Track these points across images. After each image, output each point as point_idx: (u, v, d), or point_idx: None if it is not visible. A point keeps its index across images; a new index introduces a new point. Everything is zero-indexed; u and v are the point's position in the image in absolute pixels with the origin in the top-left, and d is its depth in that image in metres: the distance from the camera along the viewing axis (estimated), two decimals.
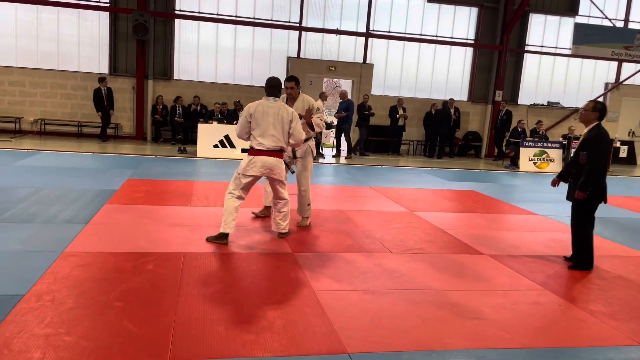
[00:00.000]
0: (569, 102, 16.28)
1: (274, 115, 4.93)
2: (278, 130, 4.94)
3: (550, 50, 15.91)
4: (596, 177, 4.67)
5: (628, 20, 16.19)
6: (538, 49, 15.84)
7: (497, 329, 3.42)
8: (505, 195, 8.90)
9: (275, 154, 4.97)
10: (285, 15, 14.33)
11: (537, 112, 15.90)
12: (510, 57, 15.44)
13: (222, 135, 11.48)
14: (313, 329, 3.23)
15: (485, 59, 15.57)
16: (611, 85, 16.35)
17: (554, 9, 15.71)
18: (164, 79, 13.83)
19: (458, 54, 15.58)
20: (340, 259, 4.71)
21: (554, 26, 15.92)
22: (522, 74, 15.89)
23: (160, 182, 7.88)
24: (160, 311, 3.34)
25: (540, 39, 15.90)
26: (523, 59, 15.80)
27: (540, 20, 15.80)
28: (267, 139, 4.92)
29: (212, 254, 4.58)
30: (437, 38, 15.28)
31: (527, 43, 15.74)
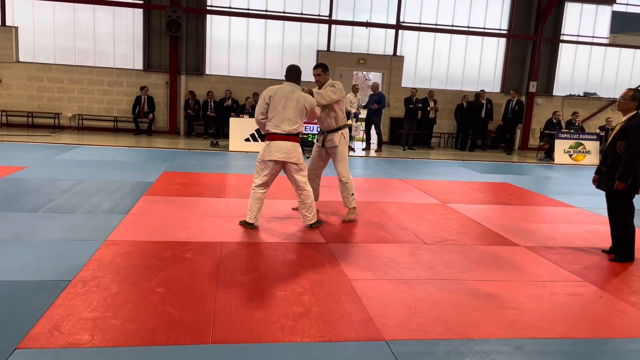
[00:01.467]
0: (606, 92, 15.81)
1: (293, 100, 4.97)
2: (296, 114, 4.98)
3: (587, 40, 15.47)
4: (637, 167, 4.56)
5: None
6: (574, 39, 15.43)
7: (536, 319, 3.39)
8: (540, 188, 8.74)
9: (291, 138, 4.99)
10: (314, 9, 14.35)
11: (573, 103, 15.50)
12: (544, 47, 15.08)
13: (254, 129, 11.60)
14: (350, 316, 3.27)
15: (519, 49, 15.25)
16: None
17: None
18: (196, 74, 14.04)
19: (491, 45, 15.31)
20: (374, 249, 4.73)
21: (590, 15, 15.46)
22: (558, 65, 15.50)
23: (194, 175, 8.03)
24: (201, 297, 3.43)
25: (577, 28, 15.47)
26: (558, 49, 15.41)
27: (577, 9, 15.37)
28: (284, 123, 4.96)
29: (248, 244, 4.66)
30: (469, 29, 15.04)
31: (563, 33, 15.34)
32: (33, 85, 13.42)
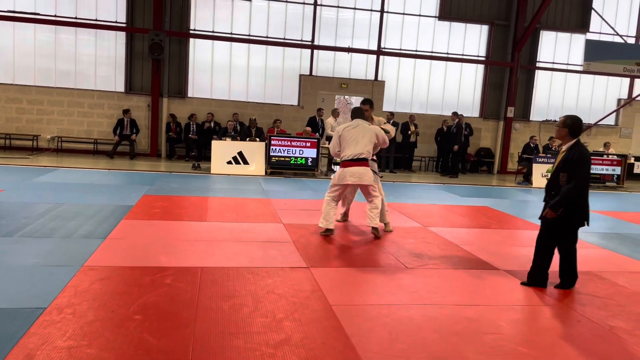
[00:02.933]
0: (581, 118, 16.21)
1: (359, 132, 5.98)
2: (363, 143, 5.93)
3: (562, 67, 15.95)
4: (573, 200, 4.37)
5: (639, 36, 16.20)
6: (549, 66, 15.89)
7: (515, 344, 3.41)
8: (519, 211, 8.86)
9: (361, 164, 5.92)
10: (297, 34, 14.55)
11: (550, 128, 15.88)
12: (521, 73, 15.49)
13: (236, 152, 11.60)
14: (331, 343, 3.24)
15: (497, 75, 15.64)
16: (624, 101, 16.29)
17: (565, 25, 15.78)
18: (178, 97, 14.05)
19: (469, 71, 15.67)
20: (355, 273, 4.73)
21: (565, 43, 15.98)
22: (534, 91, 15.92)
23: (175, 198, 7.97)
24: (180, 324, 3.38)
25: (552, 55, 15.95)
26: (534, 76, 15.85)
27: (551, 37, 15.87)
28: (353, 152, 5.92)
29: (229, 268, 4.62)
30: (448, 55, 15.39)
31: (539, 60, 15.80)
32: (12, 107, 13.27)
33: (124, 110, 13.28)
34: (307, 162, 11.87)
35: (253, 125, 13.21)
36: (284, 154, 11.76)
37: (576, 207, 4.43)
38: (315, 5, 14.50)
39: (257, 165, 11.70)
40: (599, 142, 15.39)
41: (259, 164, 11.71)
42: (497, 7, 15.34)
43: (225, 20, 14.16)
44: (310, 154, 11.86)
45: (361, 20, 14.88)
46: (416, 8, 15.09)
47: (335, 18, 14.74)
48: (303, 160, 11.85)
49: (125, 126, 13.21)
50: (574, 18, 15.82)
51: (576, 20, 15.84)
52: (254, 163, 11.69)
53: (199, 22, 14.05)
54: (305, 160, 11.85)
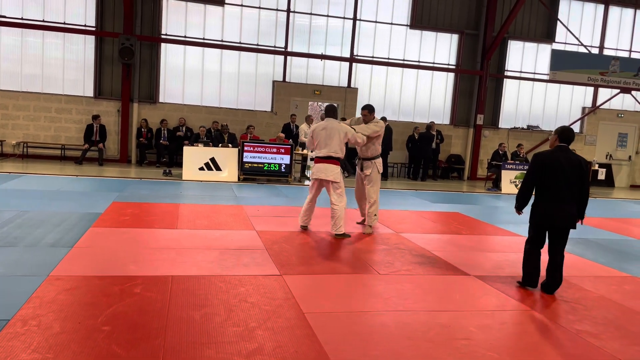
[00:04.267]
0: (547, 125, 16.67)
1: (329, 133, 6.35)
2: (332, 142, 6.31)
3: (529, 76, 16.36)
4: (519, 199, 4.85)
5: (603, 47, 16.77)
6: (517, 75, 16.27)
7: (485, 349, 3.46)
8: (488, 217, 9.02)
9: (328, 161, 6.35)
10: (270, 40, 14.54)
11: (518, 135, 16.25)
12: (490, 82, 15.83)
13: (208, 158, 11.49)
14: (303, 351, 3.23)
15: (467, 83, 15.93)
16: (588, 109, 16.81)
17: (532, 35, 16.21)
18: (149, 102, 13.85)
19: (440, 79, 15.93)
20: (328, 280, 4.73)
21: (531, 52, 16.41)
22: (502, 99, 16.27)
23: (146, 205, 7.83)
24: (149, 335, 3.31)
25: (519, 64, 16.35)
26: (503, 84, 16.21)
27: (519, 47, 16.28)
28: (322, 150, 6.37)
29: (201, 277, 4.56)
30: (420, 63, 15.61)
31: (507, 69, 16.17)
32: None
33: (94, 116, 13.00)
34: (281, 168, 11.84)
35: (225, 131, 13.12)
36: (257, 160, 11.70)
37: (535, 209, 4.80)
38: (288, 11, 14.53)
39: (229, 171, 11.60)
40: None
41: (231, 171, 11.62)
42: (467, 17, 15.65)
43: (197, 26, 14.05)
44: (283, 160, 11.83)
45: (334, 27, 14.98)
46: (388, 16, 15.28)
47: (309, 25, 14.80)
48: (276, 167, 11.81)
49: (94, 132, 12.93)
50: (540, 28, 16.27)
51: (542, 31, 16.29)
52: (226, 169, 11.59)
53: (171, 27, 13.90)
54: (279, 166, 11.82)
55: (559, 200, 4.62)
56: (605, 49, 16.75)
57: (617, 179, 17.05)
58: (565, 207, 4.63)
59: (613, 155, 17.12)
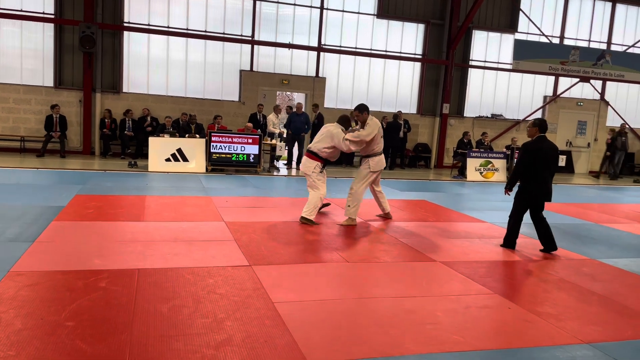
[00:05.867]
0: (511, 114, 17.06)
1: (321, 131, 6.90)
2: (321, 141, 6.76)
3: (493, 65, 16.66)
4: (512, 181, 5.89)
5: (563, 37, 17.21)
6: (481, 64, 16.55)
7: (451, 332, 3.55)
8: (454, 204, 9.21)
9: (308, 155, 6.85)
10: (237, 29, 14.35)
11: (482, 124, 16.57)
12: (455, 71, 16.05)
13: (175, 149, 11.31)
14: (273, 341, 3.24)
15: (433, 73, 16.12)
16: (549, 98, 17.27)
17: (495, 26, 16.49)
18: (112, 92, 13.50)
19: (407, 68, 16.06)
20: (298, 270, 4.75)
21: (495, 42, 16.70)
22: (467, 88, 16.53)
23: (110, 198, 7.67)
24: (115, 329, 3.27)
25: (483, 54, 16.63)
26: (468, 74, 16.46)
27: (483, 37, 16.54)
28: (311, 145, 6.93)
29: (168, 269, 4.50)
30: (387, 53, 15.70)
31: (471, 58, 16.42)
32: None
33: (52, 106, 12.56)
34: (249, 158, 11.76)
35: (192, 121, 12.92)
36: (225, 151, 11.58)
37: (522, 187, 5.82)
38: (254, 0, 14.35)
39: (197, 162, 11.46)
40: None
41: (199, 161, 11.47)
42: (432, 7, 15.79)
43: (161, 14, 13.72)
44: (252, 150, 11.75)
45: (301, 16, 14.88)
46: (355, 6, 15.27)
47: (276, 14, 14.66)
48: (245, 157, 11.73)
49: (54, 123, 12.53)
50: (503, 19, 16.56)
51: (505, 21, 16.59)
52: (193, 160, 11.44)
53: (134, 15, 13.54)
54: (247, 156, 11.73)
55: (543, 181, 5.69)
56: (566, 38, 17.20)
57: (577, 165, 17.62)
58: (546, 186, 5.74)
59: (573, 143, 17.66)
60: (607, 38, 17.62)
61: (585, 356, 3.33)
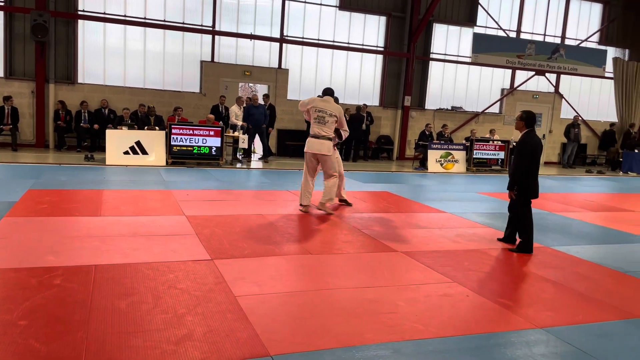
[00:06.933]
0: (470, 106, 17.43)
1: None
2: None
3: (453, 58, 16.95)
4: (523, 178, 5.56)
5: (520, 31, 17.66)
6: (442, 57, 16.82)
7: (412, 321, 3.61)
8: (415, 195, 9.36)
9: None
10: (197, 19, 14.07)
11: (443, 116, 16.87)
12: (417, 64, 16.25)
13: (134, 141, 11.03)
14: (235, 335, 3.22)
15: (395, 65, 16.27)
16: (507, 91, 17.73)
17: (455, 19, 16.77)
18: (67, 82, 13.03)
19: (369, 61, 16.14)
20: (261, 263, 4.72)
21: (455, 35, 16.99)
22: (428, 81, 16.78)
23: (65, 192, 7.42)
24: (71, 327, 3.17)
25: (444, 47, 16.89)
26: (429, 66, 16.69)
27: (443, 30, 16.79)
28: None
29: (126, 265, 4.40)
30: (349, 45, 15.73)
31: (432, 51, 16.66)
32: None
33: (5, 98, 12.05)
34: (211, 151, 11.59)
35: (152, 113, 12.62)
36: (186, 143, 11.38)
37: (525, 184, 5.57)
38: None
39: (157, 155, 11.21)
40: (486, 129, 16.63)
41: (159, 154, 11.23)
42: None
43: (117, 2, 13.28)
44: (214, 142, 11.58)
45: (263, 7, 14.72)
46: None
47: (237, 3, 14.43)
48: (207, 150, 11.55)
49: (6, 115, 12.01)
50: (463, 12, 16.85)
51: (465, 15, 16.88)
52: (153, 153, 11.19)
53: (88, 3, 13.07)
54: (209, 149, 11.57)
55: (537, 175, 5.66)
56: (522, 33, 17.66)
57: None
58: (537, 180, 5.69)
59: None
60: (562, 33, 18.20)
61: (539, 340, 3.45)
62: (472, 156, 14.19)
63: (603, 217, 8.28)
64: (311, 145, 7.03)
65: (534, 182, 5.60)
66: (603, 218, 8.22)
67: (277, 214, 6.86)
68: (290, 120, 15.14)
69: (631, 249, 6.27)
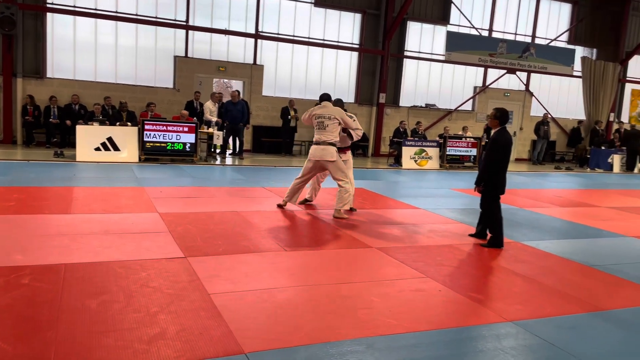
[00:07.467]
0: (443, 104, 17.65)
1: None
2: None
3: (427, 56, 17.13)
4: (492, 174, 5.64)
5: (492, 30, 17.95)
6: (416, 55, 16.97)
7: (385, 316, 3.65)
8: (390, 192, 9.44)
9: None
10: (170, 13, 13.87)
11: (417, 113, 17.04)
12: (391, 61, 16.37)
13: (105, 137, 10.82)
14: (208, 332, 3.20)
15: (370, 63, 16.34)
16: (479, 89, 18.01)
17: (429, 17, 16.94)
18: (35, 77, 12.70)
19: (344, 58, 16.18)
20: (235, 260, 4.70)
21: (429, 33, 17.16)
22: (403, 78, 16.92)
23: (34, 190, 7.24)
24: (40, 327, 3.10)
25: (418, 45, 17.05)
26: (403, 64, 16.83)
27: (417, 28, 16.95)
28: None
29: (97, 264, 4.33)
30: (324, 42, 15.73)
31: (406, 49, 16.79)
32: None
33: None
34: (185, 147, 11.46)
35: (124, 108, 12.41)
36: (160, 140, 11.22)
37: (494, 180, 5.66)
38: None
39: (129, 151, 11.03)
40: (459, 126, 16.88)
41: (131, 151, 11.05)
42: None
43: None
44: (188, 139, 11.46)
45: (238, 2, 14.58)
46: None
47: None
48: (180, 146, 11.42)
49: None
50: (436, 11, 17.03)
51: (438, 13, 17.07)
52: (125, 149, 11.00)
53: None
54: (183, 145, 11.44)
55: (506, 172, 5.75)
56: (494, 32, 17.95)
57: None
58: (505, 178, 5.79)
59: None
60: (532, 32, 18.57)
61: (509, 333, 3.53)
62: (446, 153, 14.38)
63: (571, 213, 8.51)
64: (313, 152, 6.91)
65: (503, 178, 5.73)
66: (571, 213, 8.45)
67: (252, 211, 6.83)
68: (265, 116, 15.09)
69: (597, 243, 6.46)
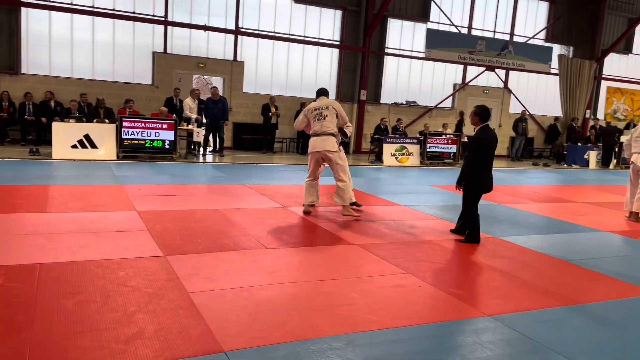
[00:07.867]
0: (424, 101, 17.76)
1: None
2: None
3: (407, 53, 17.22)
4: (473, 172, 5.65)
5: (471, 27, 18.12)
6: (396, 52, 17.04)
7: (365, 312, 3.66)
8: (371, 188, 9.47)
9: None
10: (148, 9, 13.68)
11: (398, 110, 17.13)
12: (372, 58, 16.41)
13: (82, 135, 10.64)
14: (187, 331, 3.17)
15: (350, 60, 16.36)
16: (459, 86, 18.17)
17: (409, 14, 17.02)
18: (9, 73, 12.41)
19: (325, 55, 16.17)
20: (215, 258, 4.67)
21: (409, 31, 17.25)
22: (383, 75, 16.98)
23: (8, 188, 7.08)
24: (13, 329, 3.04)
25: (398, 42, 17.12)
26: (384, 61, 16.89)
27: (398, 25, 17.02)
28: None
29: (74, 263, 4.25)
30: (305, 38, 15.69)
31: (387, 46, 16.85)
32: None
33: None
34: (165, 144, 11.33)
35: (101, 105, 12.21)
36: (138, 137, 11.07)
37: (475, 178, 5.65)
38: None
39: (107, 149, 10.86)
40: (439, 123, 17.01)
41: (109, 148, 10.88)
42: None
43: None
44: (167, 136, 11.33)
45: None
46: None
47: None
48: (159, 143, 11.29)
49: None
50: (416, 8, 17.12)
51: (419, 10, 17.16)
52: (103, 147, 10.84)
53: None
54: (162, 142, 11.30)
55: (490, 169, 5.72)
56: (473, 29, 18.13)
57: None
58: (491, 174, 5.75)
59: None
60: (510, 30, 18.80)
61: (487, 327, 3.58)
62: (426, 150, 14.48)
63: (548, 208, 8.65)
64: (314, 144, 6.70)
65: (486, 176, 5.68)
66: (548, 209, 8.59)
67: (233, 209, 6.79)
68: (246, 113, 15.01)
69: (574, 238, 6.58)
